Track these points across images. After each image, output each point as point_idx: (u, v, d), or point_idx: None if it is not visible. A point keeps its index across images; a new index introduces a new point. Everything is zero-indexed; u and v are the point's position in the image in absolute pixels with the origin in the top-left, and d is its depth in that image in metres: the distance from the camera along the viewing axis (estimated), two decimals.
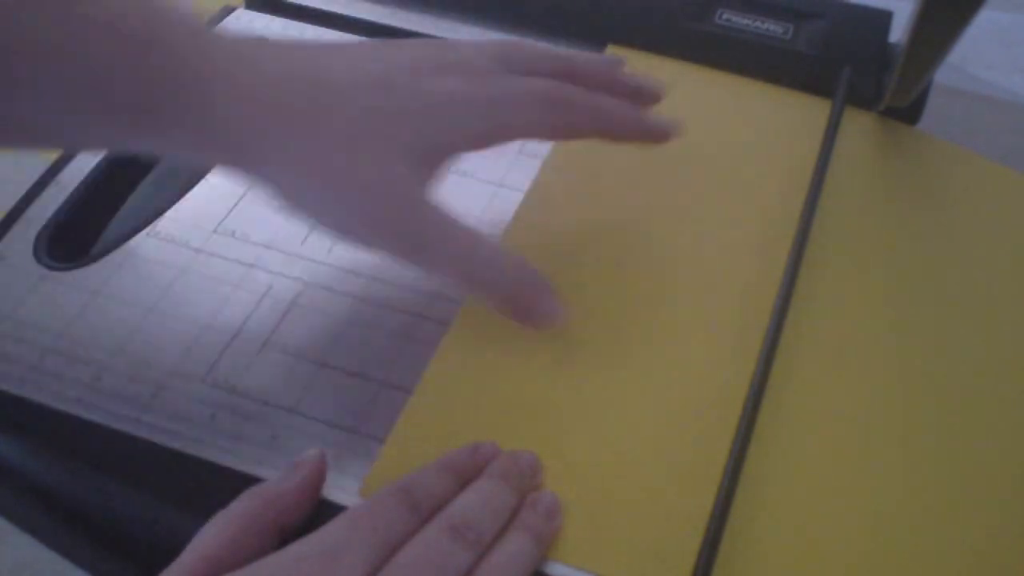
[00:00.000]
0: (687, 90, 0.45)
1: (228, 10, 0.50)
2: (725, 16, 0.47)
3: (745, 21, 0.47)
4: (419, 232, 0.32)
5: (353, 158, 0.31)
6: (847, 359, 0.35)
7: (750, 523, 0.30)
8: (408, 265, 0.32)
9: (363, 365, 0.35)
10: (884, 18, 0.46)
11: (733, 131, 0.43)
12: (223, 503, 0.29)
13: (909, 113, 0.44)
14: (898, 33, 0.46)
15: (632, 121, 0.36)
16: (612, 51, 0.47)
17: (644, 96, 0.37)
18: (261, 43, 0.32)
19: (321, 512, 0.31)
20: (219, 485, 0.31)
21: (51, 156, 0.43)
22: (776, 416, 0.33)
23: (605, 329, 0.36)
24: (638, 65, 0.46)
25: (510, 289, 0.33)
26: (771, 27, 0.46)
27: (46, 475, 0.33)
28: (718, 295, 0.37)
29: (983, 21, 0.42)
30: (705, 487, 0.31)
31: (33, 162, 0.45)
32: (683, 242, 0.39)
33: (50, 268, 0.38)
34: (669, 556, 0.30)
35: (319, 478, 0.30)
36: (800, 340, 0.35)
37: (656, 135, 0.37)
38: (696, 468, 0.32)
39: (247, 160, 0.31)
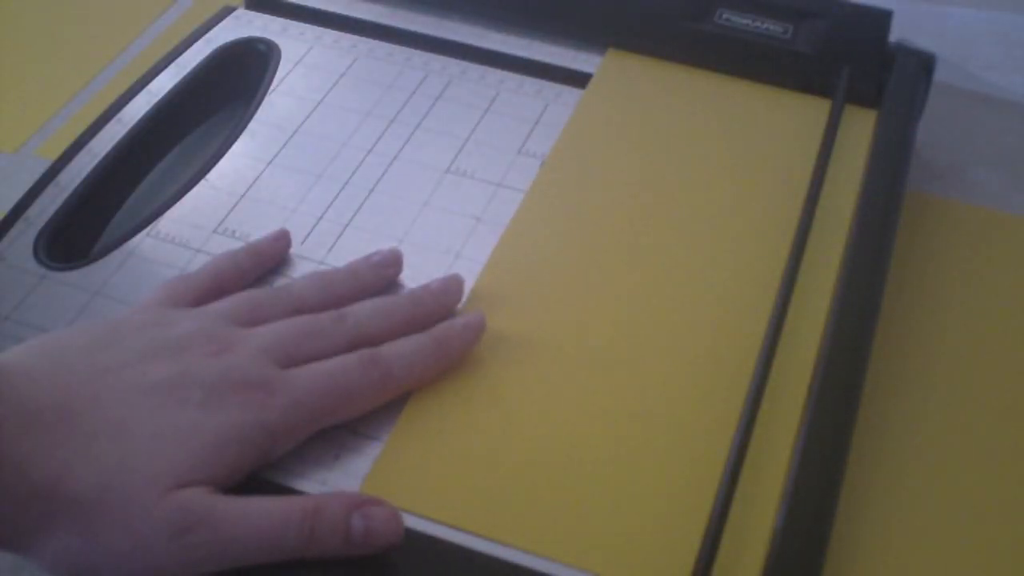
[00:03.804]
0: (686, 93, 0.45)
1: (228, 10, 0.50)
2: (725, 16, 0.47)
3: (745, 21, 0.47)
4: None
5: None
6: None
7: (750, 523, 0.30)
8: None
9: None
10: (884, 18, 0.46)
11: (733, 132, 0.43)
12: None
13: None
14: (898, 33, 0.46)
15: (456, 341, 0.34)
16: (613, 55, 0.47)
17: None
18: None
19: None
20: None
21: (51, 156, 0.43)
22: (775, 416, 0.33)
23: (606, 329, 0.36)
24: (640, 71, 0.46)
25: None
26: (771, 27, 0.46)
27: None
28: (718, 295, 0.37)
29: (983, 21, 0.42)
30: (705, 487, 0.31)
31: (33, 162, 0.45)
32: (683, 241, 0.39)
33: (50, 268, 0.38)
34: (669, 556, 0.30)
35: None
36: (800, 339, 0.35)
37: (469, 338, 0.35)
38: (696, 468, 0.32)
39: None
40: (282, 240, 0.38)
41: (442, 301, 0.36)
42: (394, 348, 0.33)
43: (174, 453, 0.29)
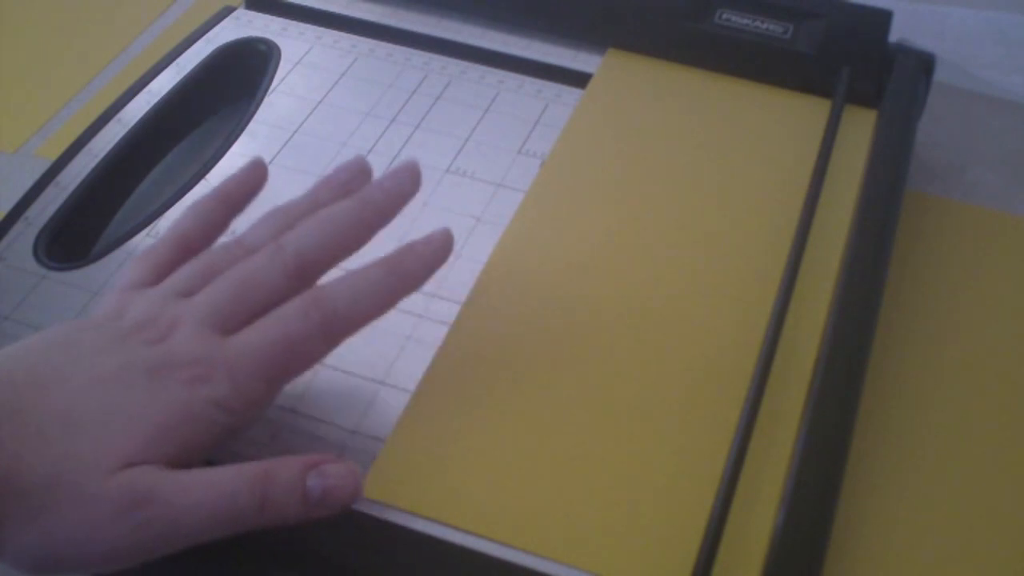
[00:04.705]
0: (687, 93, 0.45)
1: (228, 10, 0.50)
2: (725, 16, 0.47)
3: (745, 21, 0.47)
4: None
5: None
6: None
7: (750, 523, 0.30)
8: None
9: (363, 365, 0.35)
10: (884, 18, 0.46)
11: (733, 132, 0.43)
12: None
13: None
14: (898, 33, 0.46)
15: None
16: (613, 55, 0.47)
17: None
18: None
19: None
20: None
21: (51, 156, 0.43)
22: (775, 416, 0.33)
23: (605, 329, 0.36)
24: (640, 71, 0.46)
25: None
26: (771, 27, 0.46)
27: None
28: (718, 295, 0.37)
29: (983, 21, 0.42)
30: (705, 487, 0.31)
31: (33, 162, 0.45)
32: (683, 241, 0.39)
33: (50, 268, 0.38)
34: (669, 556, 0.30)
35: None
36: (800, 339, 0.35)
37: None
38: (696, 469, 0.32)
39: None
40: (256, 170, 0.35)
41: (395, 195, 0.33)
42: (340, 285, 0.31)
43: (121, 436, 0.28)
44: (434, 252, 0.32)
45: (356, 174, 0.34)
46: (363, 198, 0.32)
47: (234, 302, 0.31)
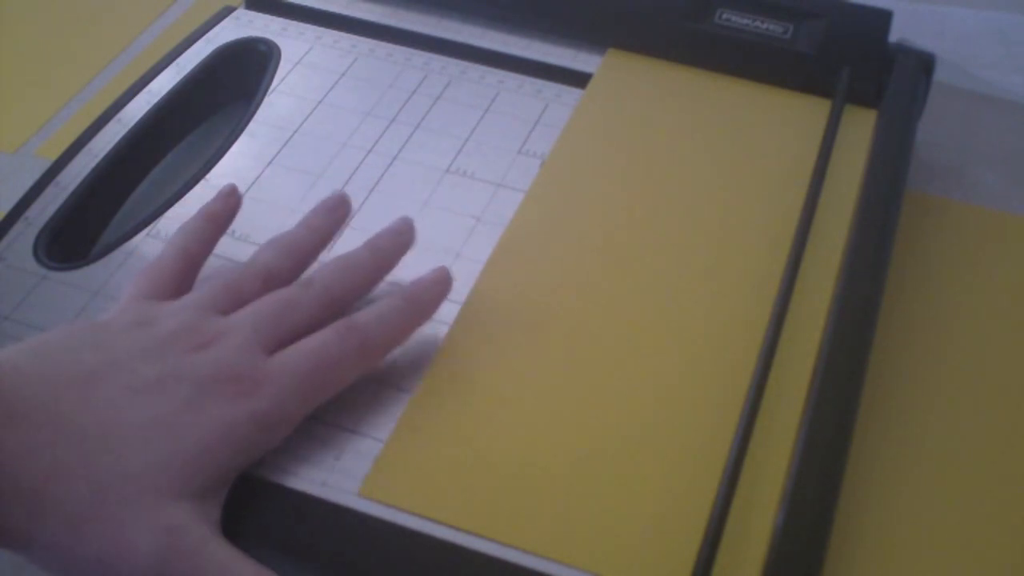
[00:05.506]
0: (687, 93, 0.45)
1: (228, 10, 0.50)
2: (725, 16, 0.47)
3: (745, 21, 0.47)
4: None
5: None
6: None
7: (750, 523, 0.30)
8: None
9: None
10: (884, 18, 0.46)
11: (733, 132, 0.43)
12: (224, 503, 0.30)
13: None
14: (898, 33, 0.46)
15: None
16: (613, 55, 0.47)
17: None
18: None
19: (320, 512, 0.31)
20: None
21: (51, 156, 0.43)
22: (775, 416, 0.33)
23: (605, 329, 0.36)
24: (640, 71, 0.46)
25: None
26: (771, 27, 0.46)
27: None
28: (718, 295, 0.37)
29: (983, 21, 0.42)
30: (705, 487, 0.31)
31: (33, 162, 0.45)
32: (683, 241, 0.39)
33: (50, 268, 0.38)
34: (669, 556, 0.30)
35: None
36: (800, 339, 0.35)
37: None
38: (696, 468, 0.32)
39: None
40: (232, 196, 0.38)
41: (398, 243, 0.36)
42: (368, 313, 0.33)
43: (167, 458, 0.28)
44: (443, 288, 0.35)
45: (338, 204, 0.38)
46: (373, 248, 0.36)
47: (276, 321, 0.33)
